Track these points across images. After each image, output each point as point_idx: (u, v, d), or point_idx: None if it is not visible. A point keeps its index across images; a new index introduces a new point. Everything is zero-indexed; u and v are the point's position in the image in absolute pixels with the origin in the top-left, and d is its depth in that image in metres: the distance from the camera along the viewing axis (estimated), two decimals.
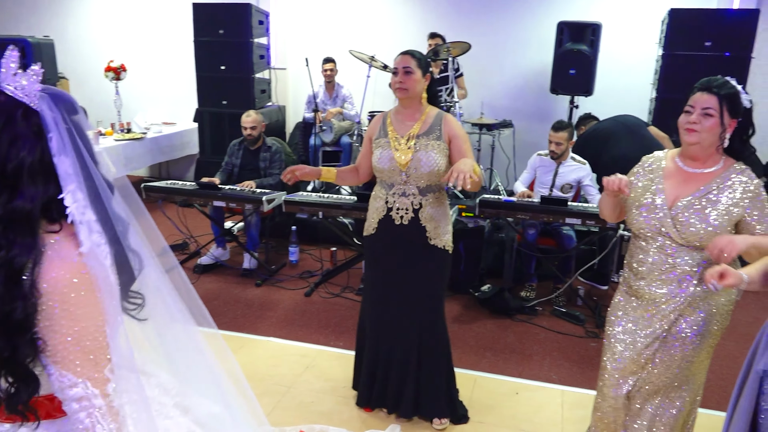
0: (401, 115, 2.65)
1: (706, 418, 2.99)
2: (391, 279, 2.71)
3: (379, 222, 2.66)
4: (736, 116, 2.01)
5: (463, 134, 2.64)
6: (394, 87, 2.58)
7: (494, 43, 6.34)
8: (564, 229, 4.24)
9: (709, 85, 2.00)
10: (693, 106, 2.01)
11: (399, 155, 2.56)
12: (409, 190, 2.59)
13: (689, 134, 2.02)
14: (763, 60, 5.72)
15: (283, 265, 4.89)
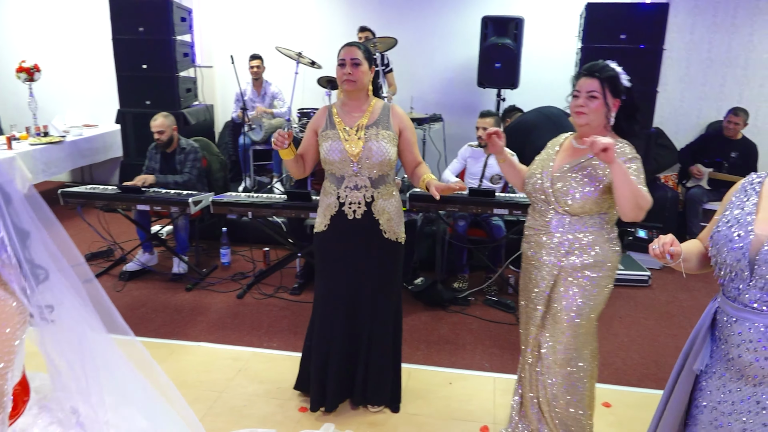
0: (347, 107, 2.63)
1: (628, 395, 3.13)
2: (345, 275, 2.68)
3: (331, 218, 2.64)
4: (618, 96, 2.20)
5: (411, 126, 2.68)
6: (341, 79, 2.55)
7: (421, 38, 6.40)
8: (493, 219, 4.33)
9: (591, 69, 2.20)
10: (579, 91, 2.21)
11: (349, 146, 2.54)
12: (361, 183, 2.57)
13: (578, 116, 2.21)
14: (674, 52, 6.02)
15: (215, 268, 4.78)
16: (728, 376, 1.61)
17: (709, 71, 6.12)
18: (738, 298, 1.56)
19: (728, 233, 1.58)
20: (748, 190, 1.64)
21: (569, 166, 2.24)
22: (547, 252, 2.29)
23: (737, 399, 1.59)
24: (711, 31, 6.02)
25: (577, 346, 2.34)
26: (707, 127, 6.14)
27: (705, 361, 1.68)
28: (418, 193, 4.06)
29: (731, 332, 1.58)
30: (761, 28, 5.94)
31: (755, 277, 1.51)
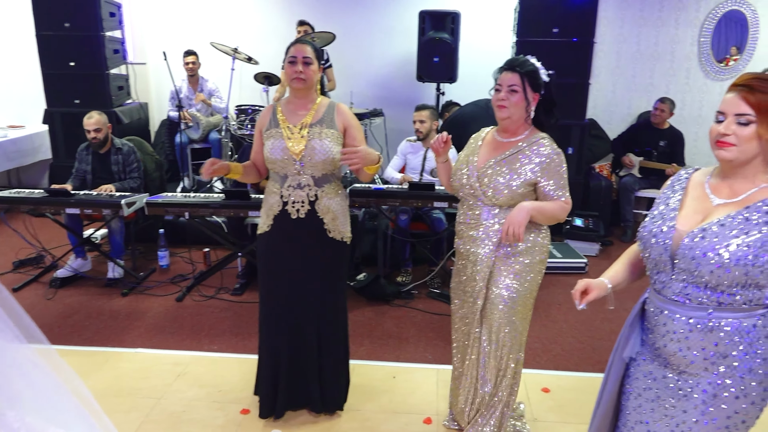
0: (293, 105, 2.59)
1: (567, 379, 3.22)
2: (288, 276, 2.63)
3: (274, 218, 2.58)
4: (537, 90, 2.27)
5: (357, 124, 2.64)
6: (291, 77, 2.49)
7: (360, 32, 6.38)
8: (434, 212, 4.37)
9: (512, 64, 2.26)
10: (501, 85, 2.26)
11: (292, 144, 2.49)
12: (304, 182, 2.53)
13: (500, 110, 2.27)
14: (605, 45, 6.22)
15: (153, 271, 4.64)
16: (655, 365, 1.66)
17: (638, 63, 6.35)
18: (662, 291, 1.61)
19: (652, 228, 1.62)
20: (675, 186, 1.69)
21: (494, 161, 2.30)
22: (481, 244, 2.33)
23: (662, 386, 1.64)
24: (639, 24, 6.24)
25: (513, 335, 2.39)
26: (638, 117, 6.37)
27: (635, 350, 1.73)
28: (359, 188, 4.06)
29: (657, 323, 1.63)
30: (685, 23, 6.20)
31: (676, 271, 1.56)
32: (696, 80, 6.32)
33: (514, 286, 2.34)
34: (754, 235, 1.45)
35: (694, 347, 1.55)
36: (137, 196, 4.12)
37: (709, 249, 1.48)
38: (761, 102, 1.44)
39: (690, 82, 6.34)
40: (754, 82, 1.46)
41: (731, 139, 1.48)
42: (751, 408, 1.52)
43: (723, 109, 1.50)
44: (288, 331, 2.67)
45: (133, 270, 4.51)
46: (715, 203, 1.56)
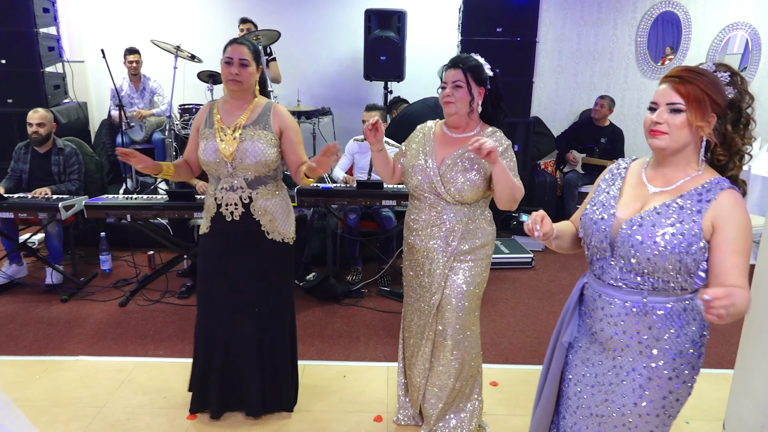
0: (229, 105, 2.52)
1: (514, 372, 3.28)
2: (226, 278, 2.57)
3: (211, 220, 2.54)
4: (482, 84, 2.30)
5: (294, 126, 2.57)
6: (227, 78, 2.42)
7: (305, 30, 6.33)
8: (383, 211, 4.38)
9: (455, 61, 2.30)
10: (446, 82, 2.30)
11: (224, 146, 2.43)
12: (237, 184, 2.47)
13: (447, 106, 2.30)
14: (548, 44, 6.38)
15: (94, 276, 4.49)
16: (592, 350, 1.72)
17: (580, 63, 6.53)
18: (602, 276, 1.66)
19: (593, 216, 1.67)
20: (614, 175, 1.74)
21: (451, 159, 2.30)
22: (442, 241, 2.36)
23: (600, 372, 1.69)
24: (579, 24, 6.42)
25: (465, 327, 2.43)
26: (580, 115, 6.55)
27: (573, 334, 1.78)
28: (307, 188, 4.02)
29: (595, 307, 1.68)
30: (623, 23, 6.41)
31: (616, 257, 1.61)
32: (634, 79, 6.55)
33: (469, 282, 2.39)
34: (687, 224, 1.51)
35: (629, 331, 1.61)
36: (75, 198, 3.97)
37: (646, 236, 1.53)
38: (690, 92, 1.49)
39: (628, 81, 6.56)
40: (684, 74, 1.51)
41: (663, 128, 1.53)
42: (683, 387, 1.60)
43: (656, 100, 1.55)
44: (224, 333, 2.62)
45: (73, 275, 4.35)
46: (651, 191, 1.61)
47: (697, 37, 6.48)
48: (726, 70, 1.53)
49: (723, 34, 6.49)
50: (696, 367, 1.61)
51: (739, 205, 1.50)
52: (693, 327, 1.59)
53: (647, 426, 1.62)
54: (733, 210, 1.49)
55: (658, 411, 1.60)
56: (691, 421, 2.83)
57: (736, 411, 2.23)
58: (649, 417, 1.61)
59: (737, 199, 1.51)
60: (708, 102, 1.49)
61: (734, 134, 1.53)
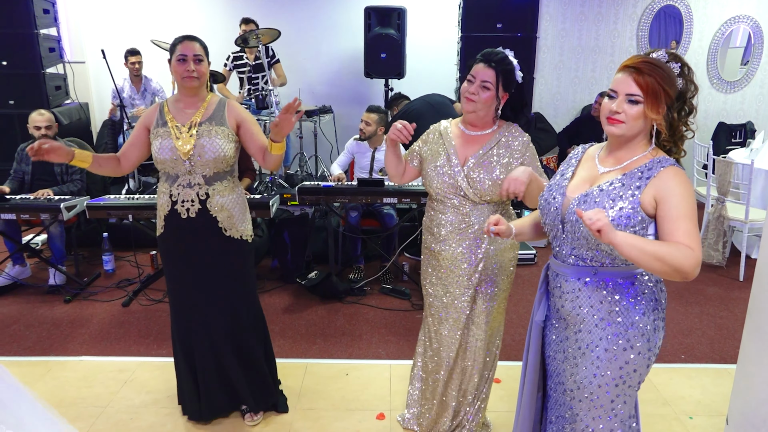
0: (181, 103, 2.47)
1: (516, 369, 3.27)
2: (189, 278, 2.55)
3: (165, 219, 2.50)
4: (508, 90, 2.21)
5: (250, 117, 2.54)
6: (182, 76, 2.37)
7: (306, 29, 6.33)
8: (384, 208, 4.38)
9: (490, 58, 2.16)
10: (474, 77, 2.17)
11: (180, 144, 2.39)
12: (194, 180, 2.44)
13: (468, 103, 2.20)
14: (548, 40, 6.36)
15: (97, 276, 4.50)
16: (559, 326, 1.80)
17: (581, 58, 6.51)
18: (558, 255, 1.75)
19: (548, 197, 1.75)
20: (572, 160, 1.81)
21: (475, 158, 2.23)
22: (468, 247, 2.30)
23: (567, 346, 1.77)
24: (580, 20, 6.40)
25: (494, 327, 2.44)
26: (582, 110, 6.54)
27: (544, 313, 1.86)
28: (308, 186, 4.03)
29: (556, 285, 1.78)
30: (624, 17, 6.39)
31: (566, 234, 1.69)
32: None
33: (499, 283, 2.35)
34: (627, 200, 1.58)
35: (584, 304, 1.69)
36: (77, 199, 3.99)
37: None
38: (649, 84, 1.55)
39: None
40: (643, 65, 1.56)
41: (621, 117, 1.59)
42: (639, 358, 1.66)
43: (615, 88, 1.60)
44: (198, 331, 2.61)
45: (76, 276, 4.36)
46: (601, 171, 1.69)
47: (698, 31, 6.46)
48: (677, 61, 1.60)
49: (725, 27, 6.46)
50: (652, 339, 1.67)
51: (680, 177, 1.58)
52: (645, 299, 1.67)
53: (608, 396, 1.69)
54: (674, 181, 1.57)
55: (617, 381, 1.67)
56: (695, 417, 2.83)
57: (739, 406, 2.22)
58: (608, 387, 1.68)
59: (678, 172, 1.59)
60: (663, 95, 1.56)
61: (679, 122, 1.61)
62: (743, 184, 4.59)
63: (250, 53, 5.75)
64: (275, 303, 4.07)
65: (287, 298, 4.14)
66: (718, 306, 4.06)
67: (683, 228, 1.54)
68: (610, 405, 1.71)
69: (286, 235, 4.40)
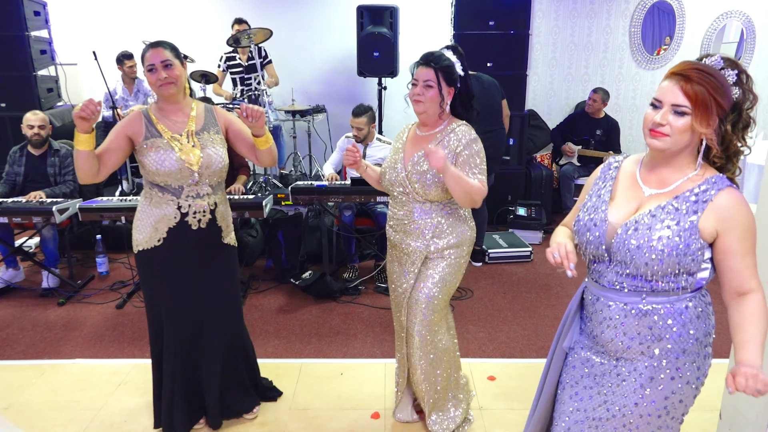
0: (166, 111, 2.39)
1: (512, 366, 3.27)
2: (187, 291, 2.48)
3: (170, 231, 2.38)
4: (452, 84, 2.28)
5: (235, 117, 2.52)
6: (157, 85, 2.30)
7: (298, 29, 6.31)
8: (378, 207, 4.37)
9: (427, 59, 2.27)
10: (417, 79, 2.27)
11: (186, 155, 2.33)
12: (203, 191, 2.40)
13: (416, 104, 2.29)
14: (541, 37, 6.36)
15: (91, 279, 4.48)
16: (592, 352, 1.68)
17: (574, 54, 6.51)
18: (599, 280, 1.62)
19: (587, 222, 1.62)
20: (606, 176, 1.68)
21: (417, 156, 2.32)
22: (414, 238, 2.38)
23: (599, 373, 1.65)
24: (572, 16, 6.40)
25: (437, 321, 2.46)
26: (575, 107, 6.54)
27: (573, 339, 1.75)
28: (301, 186, 4.03)
29: (595, 310, 1.64)
30: (616, 13, 6.39)
31: (614, 262, 1.57)
32: (629, 70, 6.53)
33: (442, 279, 2.40)
34: (683, 225, 1.47)
35: (629, 332, 1.57)
36: (70, 201, 3.97)
37: (642, 240, 1.49)
38: (698, 94, 1.41)
39: (623, 72, 6.54)
40: (692, 73, 1.42)
41: (666, 129, 1.45)
42: (687, 387, 1.56)
43: (660, 98, 1.46)
44: (189, 347, 2.54)
45: (69, 278, 4.34)
46: (647, 194, 1.56)
47: (691, 26, 6.46)
48: (734, 68, 1.45)
49: (717, 22, 6.46)
50: (702, 367, 1.57)
51: (741, 204, 1.46)
52: (696, 326, 1.55)
53: (649, 427, 1.58)
54: (736, 210, 1.45)
55: (660, 411, 1.57)
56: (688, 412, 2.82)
57: (732, 401, 2.23)
58: (650, 417, 1.57)
59: (737, 197, 1.46)
60: (714, 106, 1.42)
61: (733, 135, 1.45)
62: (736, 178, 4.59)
63: (243, 53, 5.73)
64: (269, 303, 4.06)
65: (281, 299, 4.13)
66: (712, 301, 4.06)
67: (747, 265, 1.47)
68: None
69: (280, 235, 4.39)
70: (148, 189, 2.42)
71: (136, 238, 2.43)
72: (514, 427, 2.73)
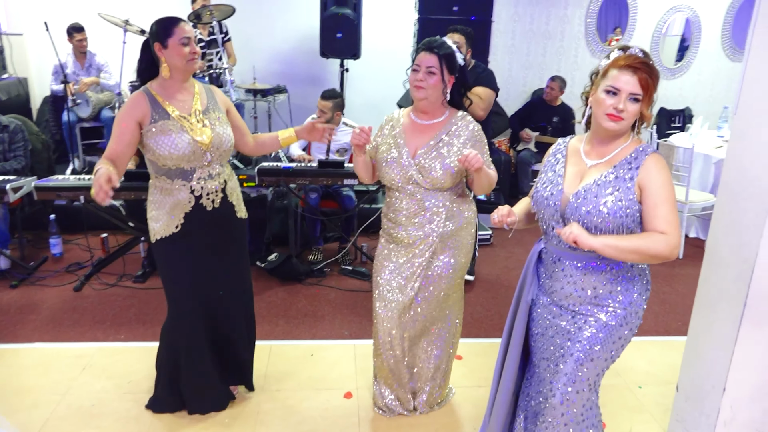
0: (172, 90, 2.32)
1: (477, 346, 3.38)
2: (216, 269, 2.47)
3: (186, 216, 2.34)
4: (453, 73, 2.32)
5: (228, 101, 2.54)
6: (187, 59, 2.25)
7: (260, 6, 6.17)
8: (344, 190, 4.38)
9: (431, 45, 2.28)
10: (419, 65, 2.27)
11: (199, 135, 2.28)
12: (214, 171, 2.37)
13: (418, 90, 2.28)
14: (501, 24, 6.44)
15: (45, 260, 4.33)
16: (552, 306, 1.91)
17: (532, 42, 6.63)
18: (560, 243, 1.85)
19: (544, 193, 1.86)
20: (557, 154, 1.93)
21: (425, 148, 2.32)
22: (423, 226, 2.37)
23: (560, 322, 1.89)
24: (532, 4, 6.50)
25: (452, 303, 2.54)
26: (532, 94, 6.68)
27: (534, 292, 1.98)
28: (267, 167, 3.99)
29: (555, 269, 1.89)
30: (573, 3, 6.54)
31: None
32: (584, 58, 6.71)
33: (456, 262, 2.44)
34: (623, 190, 1.71)
35: (587, 286, 1.82)
36: (24, 180, 3.81)
37: (591, 205, 1.73)
38: (649, 85, 1.68)
39: (578, 61, 6.72)
40: (645, 67, 1.67)
41: (623, 114, 1.69)
42: (629, 334, 1.84)
43: (619, 87, 1.68)
44: (224, 321, 2.58)
45: (21, 260, 4.18)
46: (589, 165, 1.81)
47: (642, 19, 6.69)
48: (646, 57, 1.71)
49: (667, 15, 6.72)
50: (640, 315, 1.83)
51: (660, 163, 1.72)
52: (641, 280, 1.83)
53: (596, 369, 1.82)
54: (655, 169, 1.71)
55: (607, 355, 1.82)
56: (644, 386, 3.00)
57: (690, 374, 2.38)
58: (599, 360, 1.81)
59: (658, 159, 1.73)
60: (653, 92, 1.71)
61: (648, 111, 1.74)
62: (684, 166, 4.83)
63: (203, 29, 5.58)
64: None
65: None
66: (661, 283, 4.29)
67: (662, 214, 1.68)
68: (595, 378, 1.83)
69: None
70: (155, 178, 2.36)
71: (153, 227, 2.38)
72: (482, 402, 2.82)
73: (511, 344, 2.01)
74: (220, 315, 2.57)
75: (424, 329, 2.54)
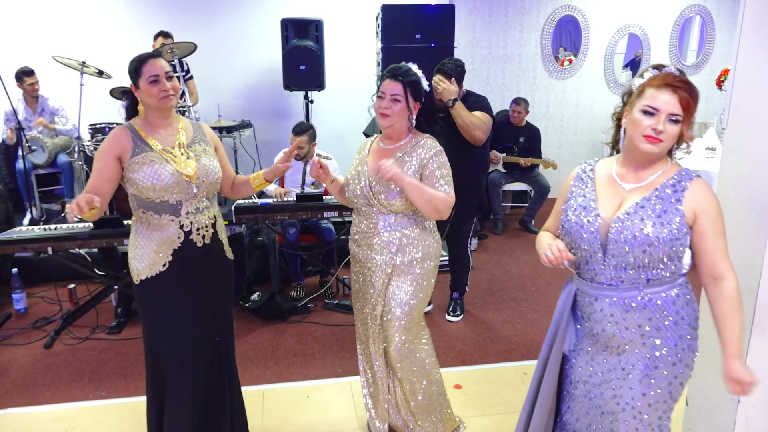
0: (156, 125, 2.24)
1: (473, 373, 3.31)
2: (200, 312, 2.31)
3: (175, 254, 2.21)
4: (418, 99, 2.31)
5: (219, 141, 2.47)
6: (159, 97, 2.16)
7: (220, 42, 6.10)
8: (323, 223, 4.30)
9: (395, 72, 2.28)
10: (384, 93, 2.27)
11: (183, 167, 2.19)
12: (202, 204, 2.25)
13: (383, 118, 2.28)
14: (461, 49, 6.54)
15: (8, 317, 4.07)
16: (594, 350, 1.77)
17: (491, 66, 6.77)
18: (595, 279, 1.70)
19: (579, 220, 1.71)
20: (583, 178, 1.79)
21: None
22: (379, 252, 2.34)
23: (605, 369, 1.74)
24: (488, 29, 6.65)
25: (414, 337, 2.44)
26: (496, 116, 6.77)
27: (572, 341, 1.83)
28: (243, 205, 3.88)
29: (593, 310, 1.72)
30: (528, 26, 6.72)
31: (608, 257, 1.66)
32: (542, 80, 6.88)
33: (412, 294, 2.36)
34: (671, 212, 1.60)
35: (631, 326, 1.67)
36: None
37: (636, 230, 1.60)
38: (690, 105, 1.58)
39: (537, 82, 6.88)
40: (685, 86, 1.57)
41: (663, 136, 1.58)
42: (686, 370, 1.68)
43: (658, 107, 1.57)
44: (212, 365, 2.40)
45: None
46: (628, 189, 1.69)
47: (595, 40, 6.91)
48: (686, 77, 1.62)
49: (618, 35, 6.96)
50: (694, 348, 1.69)
51: (711, 191, 1.63)
52: (688, 311, 1.68)
53: (656, 413, 1.68)
54: (709, 197, 1.62)
55: (665, 397, 1.67)
56: None
57: (701, 388, 2.38)
58: (658, 404, 1.67)
59: (707, 185, 1.64)
60: (694, 112, 1.60)
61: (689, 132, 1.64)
62: None
63: None
64: None
65: None
66: None
67: (719, 246, 1.62)
68: (657, 422, 1.70)
69: None
70: (141, 213, 2.22)
71: (136, 268, 2.22)
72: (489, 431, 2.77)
73: (542, 394, 1.87)
74: (210, 362, 2.40)
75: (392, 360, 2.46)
